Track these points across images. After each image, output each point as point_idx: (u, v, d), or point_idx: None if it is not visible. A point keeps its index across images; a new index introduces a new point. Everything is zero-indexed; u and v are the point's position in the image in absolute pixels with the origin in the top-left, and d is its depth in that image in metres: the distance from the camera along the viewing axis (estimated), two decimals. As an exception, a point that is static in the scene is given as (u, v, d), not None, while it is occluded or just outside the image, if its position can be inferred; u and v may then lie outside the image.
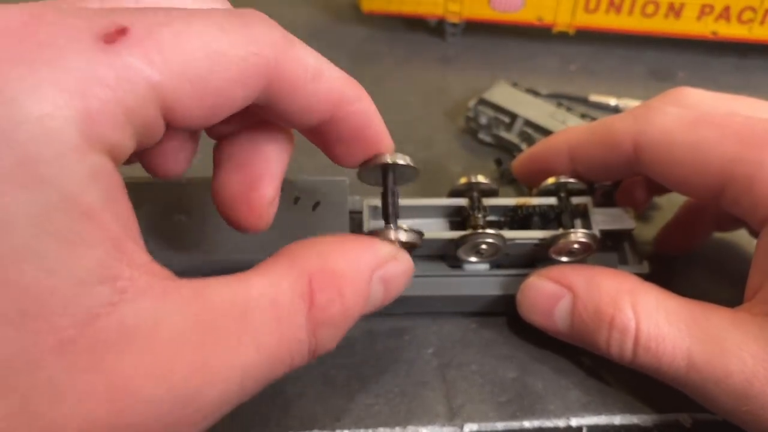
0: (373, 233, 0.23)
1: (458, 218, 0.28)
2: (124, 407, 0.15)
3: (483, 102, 0.38)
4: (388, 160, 0.22)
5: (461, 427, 0.25)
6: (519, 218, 0.28)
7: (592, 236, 0.26)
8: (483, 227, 0.26)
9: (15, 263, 0.14)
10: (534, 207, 0.27)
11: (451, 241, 0.26)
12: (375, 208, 0.27)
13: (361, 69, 0.44)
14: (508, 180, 0.36)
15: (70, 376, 0.14)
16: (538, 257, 0.28)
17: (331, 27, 0.48)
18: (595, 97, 0.41)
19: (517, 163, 0.30)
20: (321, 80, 0.19)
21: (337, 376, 0.26)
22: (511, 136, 0.37)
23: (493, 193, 0.28)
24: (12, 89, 0.14)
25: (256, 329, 0.17)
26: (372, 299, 0.20)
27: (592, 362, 0.26)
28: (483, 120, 0.37)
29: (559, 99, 0.38)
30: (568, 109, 0.37)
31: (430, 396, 0.26)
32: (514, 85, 0.39)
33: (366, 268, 0.20)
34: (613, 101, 0.41)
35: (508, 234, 0.26)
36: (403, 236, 0.23)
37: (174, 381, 0.15)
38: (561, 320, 0.25)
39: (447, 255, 0.28)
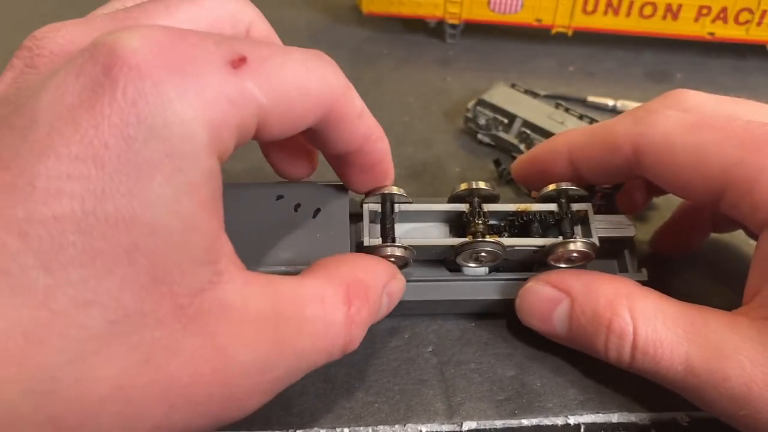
0: (374, 249, 0.26)
1: (459, 223, 0.28)
2: (223, 367, 0.18)
3: (482, 103, 0.38)
4: (386, 191, 0.26)
5: (460, 425, 0.25)
6: (519, 224, 0.28)
7: (590, 245, 0.26)
8: (483, 234, 0.26)
9: (152, 236, 0.16)
10: (534, 213, 0.27)
11: (451, 247, 0.27)
12: (375, 212, 0.27)
13: (361, 70, 0.44)
14: (507, 180, 0.36)
15: (184, 337, 0.17)
16: (537, 261, 0.28)
17: (331, 28, 0.48)
18: (593, 98, 0.42)
19: (517, 165, 0.30)
20: (362, 119, 0.23)
21: (337, 375, 0.26)
22: (510, 137, 0.37)
23: (494, 199, 0.28)
24: (167, 94, 0.17)
25: (311, 320, 0.20)
26: (381, 309, 0.24)
27: (590, 361, 0.26)
28: (482, 121, 0.37)
29: (558, 100, 0.38)
30: (567, 110, 0.37)
31: (429, 394, 0.26)
32: (513, 86, 0.39)
33: (381, 282, 0.23)
34: (611, 102, 0.41)
35: (507, 241, 0.26)
36: (398, 252, 0.25)
37: (259, 351, 0.18)
38: (559, 324, 0.25)
39: (447, 259, 0.28)
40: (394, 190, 0.27)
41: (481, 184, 0.27)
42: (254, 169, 0.36)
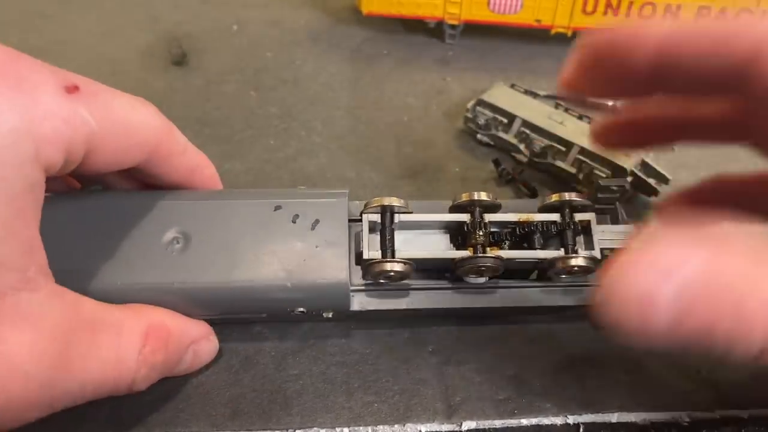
0: (374, 263, 0.25)
1: (460, 232, 0.28)
2: (6, 373, 0.18)
3: (481, 103, 0.38)
4: (386, 202, 0.27)
5: (460, 425, 0.25)
6: (520, 234, 0.27)
7: (592, 259, 0.26)
8: (483, 246, 0.26)
9: None
10: (536, 224, 0.27)
11: (452, 259, 0.26)
12: (374, 222, 0.27)
13: (361, 70, 0.44)
14: (507, 180, 0.36)
15: None
16: (537, 270, 0.28)
17: (331, 29, 0.48)
18: (592, 99, 0.41)
19: (578, 55, 0.24)
20: (187, 153, 0.26)
21: (336, 375, 0.26)
22: (509, 137, 0.37)
23: (495, 208, 0.28)
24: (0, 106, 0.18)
25: (103, 347, 0.21)
26: (183, 362, 0.25)
27: (589, 361, 0.26)
28: (481, 121, 0.37)
29: (557, 100, 0.38)
30: (566, 110, 0.37)
31: (428, 394, 0.26)
32: (513, 86, 0.39)
33: (188, 337, 0.25)
34: (610, 102, 0.41)
35: (507, 254, 0.26)
36: (398, 267, 0.25)
37: (45, 364, 0.19)
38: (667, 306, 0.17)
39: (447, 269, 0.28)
40: (394, 201, 0.27)
41: (483, 195, 0.27)
42: (254, 169, 0.36)
